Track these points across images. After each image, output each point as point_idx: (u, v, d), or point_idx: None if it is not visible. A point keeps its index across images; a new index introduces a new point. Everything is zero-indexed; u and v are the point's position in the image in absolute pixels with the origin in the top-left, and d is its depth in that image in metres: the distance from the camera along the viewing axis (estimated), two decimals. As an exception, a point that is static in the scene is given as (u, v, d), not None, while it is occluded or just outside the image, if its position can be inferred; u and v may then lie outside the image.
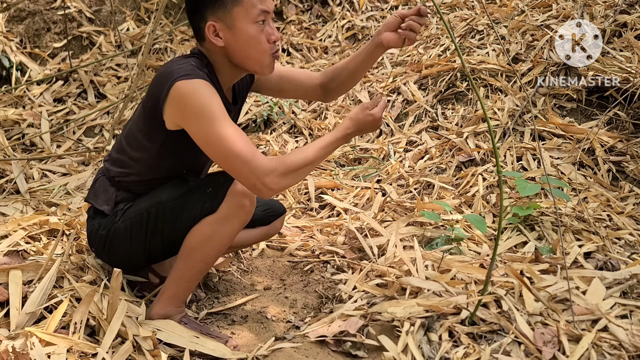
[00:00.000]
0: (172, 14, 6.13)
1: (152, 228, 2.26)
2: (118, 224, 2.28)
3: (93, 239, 2.38)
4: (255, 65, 2.22)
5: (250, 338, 2.42)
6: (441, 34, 5.18)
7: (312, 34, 6.14)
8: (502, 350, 2.12)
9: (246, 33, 2.14)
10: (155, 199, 2.24)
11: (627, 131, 3.66)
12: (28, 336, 1.98)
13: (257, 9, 2.13)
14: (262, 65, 2.22)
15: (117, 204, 2.32)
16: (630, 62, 3.89)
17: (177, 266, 2.28)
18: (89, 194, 2.43)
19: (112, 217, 2.30)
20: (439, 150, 3.98)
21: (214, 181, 2.25)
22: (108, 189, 2.35)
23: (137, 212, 2.26)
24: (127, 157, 2.29)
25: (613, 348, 2.11)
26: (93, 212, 2.40)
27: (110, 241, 2.31)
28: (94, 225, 2.35)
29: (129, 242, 2.29)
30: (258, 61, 2.20)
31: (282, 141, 4.66)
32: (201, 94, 2.02)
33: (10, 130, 4.81)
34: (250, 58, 2.19)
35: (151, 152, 2.23)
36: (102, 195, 2.35)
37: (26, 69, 5.45)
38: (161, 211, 2.23)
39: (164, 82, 2.08)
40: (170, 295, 2.30)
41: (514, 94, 4.12)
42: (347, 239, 3.11)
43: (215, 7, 2.13)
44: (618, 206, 3.22)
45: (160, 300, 2.31)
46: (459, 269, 2.58)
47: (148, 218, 2.24)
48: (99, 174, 2.43)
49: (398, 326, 2.27)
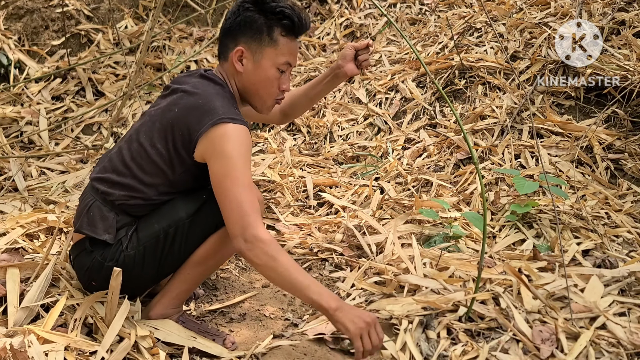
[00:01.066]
0: (170, 12, 6.13)
1: (168, 249, 2.20)
2: (127, 252, 2.18)
3: (95, 272, 2.22)
4: (258, 102, 2.33)
5: (249, 336, 2.42)
6: (439, 32, 5.18)
7: (310, 32, 6.13)
8: (500, 348, 2.12)
9: (266, 73, 2.25)
10: (174, 217, 2.18)
11: (626, 129, 3.66)
12: (26, 334, 1.98)
13: (285, 58, 2.25)
14: (263, 105, 2.34)
15: (118, 230, 2.21)
16: (628, 60, 3.89)
17: (186, 270, 2.25)
18: (81, 223, 2.24)
19: (116, 246, 2.19)
20: (437, 148, 3.98)
21: None
22: (106, 215, 2.21)
23: (150, 235, 2.18)
24: (137, 181, 2.20)
25: (611, 346, 2.12)
26: (90, 244, 2.22)
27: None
28: (96, 259, 2.20)
29: (141, 269, 2.20)
30: (263, 100, 2.31)
31: (281, 139, 4.66)
32: (242, 142, 2.08)
33: (9, 127, 4.80)
34: (258, 95, 2.30)
35: (170, 178, 2.19)
36: (101, 224, 2.21)
37: (24, 66, 5.44)
38: (180, 230, 2.18)
39: (205, 116, 2.10)
40: (172, 297, 2.30)
41: (512, 92, 4.12)
42: (345, 236, 3.11)
43: (251, 38, 2.22)
44: (616, 204, 3.22)
45: (161, 302, 2.30)
46: (457, 266, 2.59)
47: (165, 239, 2.18)
48: (90, 200, 2.26)
49: (396, 324, 2.28)
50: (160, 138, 2.18)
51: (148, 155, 2.19)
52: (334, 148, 4.37)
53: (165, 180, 2.19)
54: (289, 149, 4.34)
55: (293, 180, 3.82)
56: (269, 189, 3.74)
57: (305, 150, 4.46)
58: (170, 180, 2.19)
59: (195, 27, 6.12)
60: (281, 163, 4.11)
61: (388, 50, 5.32)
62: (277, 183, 3.75)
